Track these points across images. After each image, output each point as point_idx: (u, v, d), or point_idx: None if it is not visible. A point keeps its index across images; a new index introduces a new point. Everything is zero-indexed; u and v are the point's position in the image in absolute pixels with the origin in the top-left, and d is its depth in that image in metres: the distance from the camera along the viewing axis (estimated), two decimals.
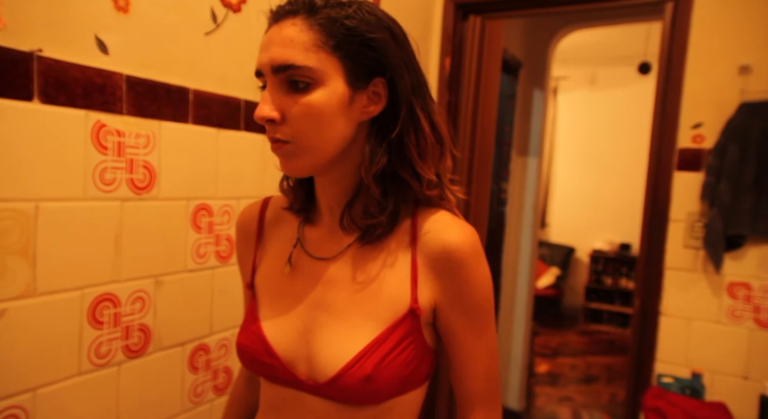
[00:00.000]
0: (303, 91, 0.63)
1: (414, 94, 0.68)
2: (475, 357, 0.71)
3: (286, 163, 0.68)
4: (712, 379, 1.71)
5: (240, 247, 0.85)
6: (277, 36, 0.64)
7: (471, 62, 2.17)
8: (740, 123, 1.66)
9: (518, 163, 3.33)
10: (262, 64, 0.65)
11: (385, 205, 0.69)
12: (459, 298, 0.68)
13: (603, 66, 5.54)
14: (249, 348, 0.73)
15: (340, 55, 0.63)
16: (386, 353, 0.65)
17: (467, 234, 0.68)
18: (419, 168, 0.68)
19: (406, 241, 0.70)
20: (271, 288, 0.76)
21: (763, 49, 1.66)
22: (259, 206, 0.84)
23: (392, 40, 0.67)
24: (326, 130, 0.65)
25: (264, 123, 0.65)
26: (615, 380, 4.17)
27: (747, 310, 1.68)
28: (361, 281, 0.70)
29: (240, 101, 1.25)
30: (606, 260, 5.55)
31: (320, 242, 0.74)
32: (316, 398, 0.68)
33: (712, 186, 1.68)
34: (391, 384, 0.66)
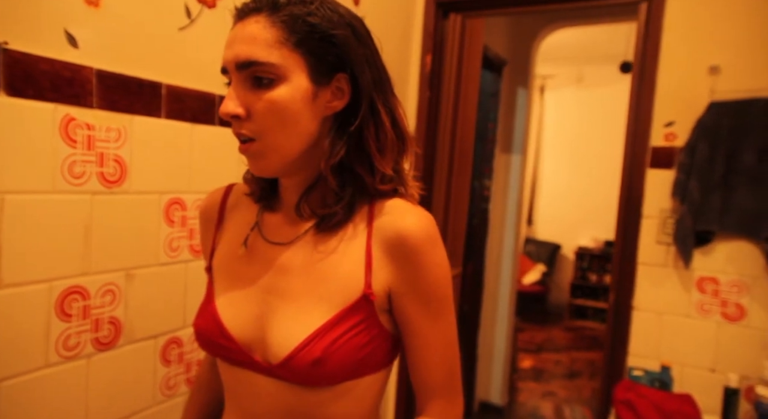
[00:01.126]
0: (267, 87, 0.65)
1: (375, 90, 0.70)
2: (430, 345, 0.72)
3: (254, 163, 0.69)
4: (681, 372, 1.74)
5: (202, 232, 0.88)
6: (240, 33, 0.65)
7: (452, 60, 2.19)
8: (710, 122, 1.70)
9: (502, 160, 3.35)
10: (226, 61, 0.67)
11: (341, 195, 0.70)
12: (413, 284, 0.69)
13: (589, 65, 5.59)
14: (205, 330, 0.75)
15: (303, 51, 0.65)
16: (337, 337, 0.66)
17: (422, 220, 0.70)
18: (377, 162, 0.70)
19: (362, 227, 0.72)
20: (228, 271, 0.78)
21: (731, 50, 1.69)
22: (222, 192, 0.86)
23: (354, 36, 0.68)
24: (291, 125, 0.66)
25: (229, 119, 0.67)
26: (598, 375, 4.21)
27: (715, 304, 1.72)
28: (315, 266, 0.71)
29: (215, 96, 1.26)
30: (591, 257, 5.61)
31: (278, 227, 0.76)
32: (271, 379, 0.70)
33: (682, 183, 1.72)
34: (342, 368, 0.67)
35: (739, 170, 1.66)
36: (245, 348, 0.71)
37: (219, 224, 0.83)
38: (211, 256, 0.82)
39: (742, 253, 1.68)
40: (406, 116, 0.75)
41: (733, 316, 1.70)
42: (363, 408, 0.73)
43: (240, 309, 0.73)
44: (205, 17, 1.24)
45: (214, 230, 0.84)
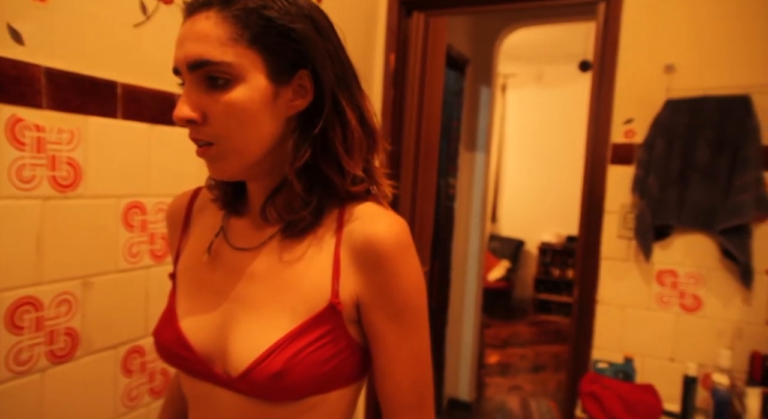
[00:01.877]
0: (222, 88, 0.60)
1: (339, 86, 0.66)
2: (399, 360, 0.67)
3: (213, 167, 0.65)
4: (643, 363, 1.79)
5: (169, 238, 0.84)
6: (190, 31, 0.61)
7: (416, 58, 2.19)
8: (666, 119, 1.75)
9: (466, 158, 3.38)
10: (177, 61, 0.62)
11: (308, 200, 0.66)
12: (383, 294, 0.65)
13: (549, 64, 5.70)
14: (164, 340, 0.70)
15: (259, 48, 0.61)
16: (300, 349, 0.62)
17: (393, 226, 0.65)
18: (345, 163, 0.66)
19: (331, 233, 0.67)
20: (190, 278, 0.74)
21: (685, 49, 1.74)
22: (188, 196, 0.82)
23: (314, 29, 0.64)
24: (251, 128, 0.62)
25: (183, 124, 0.62)
26: (562, 368, 4.31)
27: (674, 296, 1.77)
28: (280, 273, 0.67)
29: (174, 96, 1.22)
30: (554, 252, 5.73)
31: (243, 232, 0.72)
32: (231, 393, 0.66)
33: (642, 179, 1.76)
34: (305, 382, 0.63)
35: (694, 166, 1.71)
36: (205, 360, 0.67)
37: (185, 228, 0.79)
38: (175, 262, 0.79)
39: (698, 246, 1.74)
40: (374, 112, 0.71)
41: (691, 307, 1.75)
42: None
43: (201, 318, 0.69)
44: (162, 14, 1.19)
45: (180, 235, 0.80)
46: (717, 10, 1.71)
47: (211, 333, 0.68)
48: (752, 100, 1.66)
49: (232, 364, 0.65)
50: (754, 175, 1.64)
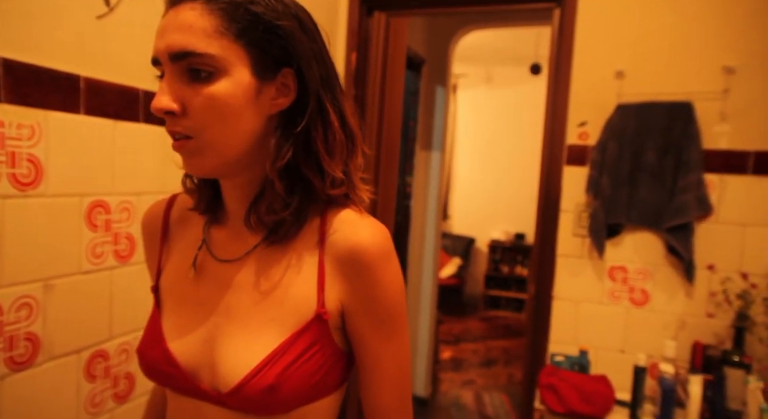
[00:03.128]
0: (205, 81, 0.59)
1: (323, 87, 0.66)
2: (383, 365, 0.68)
3: (189, 161, 0.63)
4: (596, 355, 1.89)
5: (146, 248, 0.81)
6: (174, 21, 0.59)
7: (377, 58, 2.20)
8: (617, 123, 1.84)
9: (422, 157, 3.43)
10: (158, 51, 0.60)
11: (289, 201, 0.65)
12: (367, 301, 0.65)
13: (498, 66, 5.85)
14: (149, 357, 0.68)
15: (244, 42, 0.60)
16: (291, 361, 0.62)
17: (377, 234, 0.66)
18: (326, 165, 0.66)
19: (314, 242, 0.67)
20: (175, 293, 0.72)
21: (634, 57, 1.84)
22: (164, 205, 0.79)
23: (300, 29, 0.64)
24: (232, 123, 0.61)
25: (162, 115, 0.60)
26: (512, 361, 4.45)
27: (624, 291, 1.87)
28: (266, 285, 0.66)
29: (138, 91, 1.18)
30: (503, 249, 5.89)
31: (226, 243, 0.71)
32: (220, 409, 0.65)
33: (595, 179, 1.85)
34: (296, 394, 0.63)
35: (642, 167, 1.81)
36: (191, 376, 0.66)
37: (164, 240, 0.77)
38: (157, 276, 0.76)
39: (646, 243, 1.85)
40: (355, 115, 0.71)
41: (639, 301, 1.86)
42: None
43: (187, 334, 0.68)
44: (126, 5, 1.15)
45: (159, 248, 0.77)
46: (663, 21, 1.82)
47: (197, 349, 0.66)
48: (694, 106, 1.77)
49: (222, 379, 0.63)
50: (695, 177, 1.75)
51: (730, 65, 1.74)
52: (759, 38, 1.73)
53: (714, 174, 1.77)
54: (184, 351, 0.67)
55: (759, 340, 1.70)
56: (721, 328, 1.77)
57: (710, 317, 1.79)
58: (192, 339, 0.67)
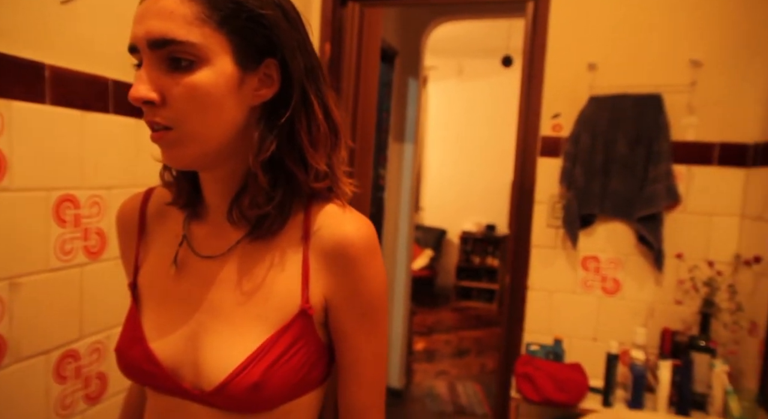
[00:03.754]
0: (186, 70, 0.57)
1: (307, 78, 0.64)
2: (365, 360, 0.68)
3: (169, 153, 0.61)
4: (570, 343, 1.92)
5: (121, 244, 0.77)
6: (153, 6, 0.57)
7: (351, 49, 2.18)
8: (590, 114, 1.87)
9: (395, 149, 3.42)
10: (136, 38, 0.57)
11: (272, 195, 0.64)
12: (352, 296, 0.65)
13: (469, 58, 5.88)
14: (128, 355, 0.66)
15: (227, 30, 0.58)
16: (276, 358, 0.61)
17: (362, 228, 0.66)
18: (309, 157, 0.64)
19: (298, 236, 0.66)
20: (155, 290, 0.70)
21: (605, 49, 1.87)
22: (140, 199, 0.76)
23: (284, 18, 0.62)
24: (213, 114, 0.59)
25: (140, 105, 0.58)
26: (484, 351, 4.51)
27: (596, 280, 1.91)
28: (249, 280, 0.65)
29: (108, 81, 1.13)
30: (474, 240, 5.96)
31: (208, 238, 0.69)
32: (203, 407, 0.63)
33: (569, 171, 1.87)
34: (281, 391, 0.62)
35: (614, 158, 1.85)
36: (173, 375, 0.64)
37: (140, 236, 0.74)
38: (135, 272, 0.73)
39: (617, 233, 1.89)
40: (339, 107, 0.70)
41: (611, 290, 1.90)
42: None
43: (169, 332, 0.66)
44: None
45: (136, 243, 0.74)
46: (634, 15, 1.85)
47: (179, 347, 0.65)
48: (663, 98, 1.81)
49: (206, 377, 0.62)
50: (665, 167, 1.80)
51: (697, 59, 1.78)
52: (723, 33, 1.77)
53: (682, 165, 1.82)
54: (165, 349, 0.65)
55: (723, 325, 1.76)
56: (688, 314, 1.83)
57: (678, 304, 1.84)
58: (174, 336, 0.65)
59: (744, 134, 1.77)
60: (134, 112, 1.19)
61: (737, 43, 1.76)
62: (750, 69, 1.75)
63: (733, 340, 1.73)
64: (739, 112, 1.77)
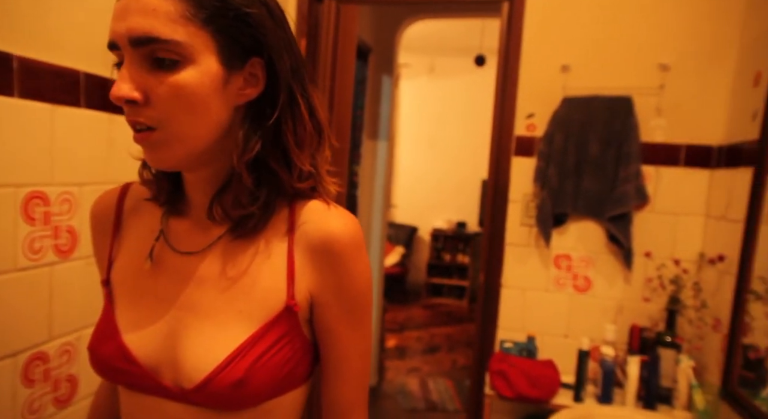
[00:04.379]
0: (170, 69, 0.56)
1: (293, 78, 0.64)
2: (349, 356, 0.68)
3: (153, 154, 0.59)
4: (543, 340, 1.96)
5: (95, 240, 0.75)
6: (135, 3, 0.55)
7: (327, 45, 2.16)
8: (563, 115, 1.90)
9: (369, 147, 3.41)
10: (117, 34, 0.56)
11: (257, 195, 0.63)
12: (338, 292, 0.65)
13: (441, 56, 5.91)
14: (102, 353, 0.64)
15: (212, 29, 0.57)
16: (260, 355, 0.61)
17: (348, 224, 0.66)
18: (295, 157, 0.64)
19: (282, 232, 0.66)
20: (130, 286, 0.68)
21: (578, 52, 1.91)
22: (116, 194, 0.74)
23: (269, 16, 0.61)
24: (198, 114, 0.58)
25: (122, 104, 0.57)
26: (455, 348, 4.56)
27: (568, 278, 1.95)
28: (232, 276, 0.64)
29: (79, 73, 1.09)
30: (445, 238, 6.00)
31: (187, 234, 0.68)
32: (183, 405, 0.62)
33: (542, 170, 1.90)
34: (265, 387, 0.61)
35: (586, 158, 1.88)
36: (151, 372, 0.62)
37: (116, 231, 0.72)
38: (108, 269, 0.71)
39: (589, 232, 1.93)
40: (323, 107, 0.70)
41: (582, 287, 1.94)
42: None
43: (146, 328, 0.64)
44: None
45: (111, 239, 0.72)
46: (605, 19, 1.89)
47: (157, 344, 0.63)
48: (633, 100, 1.85)
49: (186, 375, 0.61)
50: (634, 168, 1.84)
51: (665, 63, 1.84)
52: (690, 40, 1.83)
53: (651, 166, 1.87)
54: (142, 346, 0.63)
55: (688, 321, 1.82)
56: (655, 311, 1.88)
57: (646, 301, 1.89)
58: (151, 333, 0.64)
59: (709, 137, 1.83)
60: (106, 106, 1.15)
61: (702, 49, 1.82)
62: (714, 75, 1.81)
63: (698, 336, 1.79)
64: (704, 115, 1.83)
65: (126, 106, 0.57)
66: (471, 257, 5.89)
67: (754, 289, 1.49)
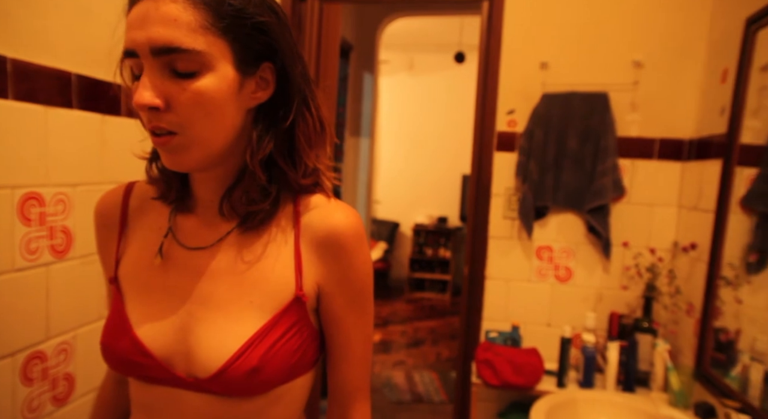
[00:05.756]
0: (190, 76, 0.58)
1: (303, 81, 0.67)
2: (355, 342, 0.72)
3: (173, 158, 0.62)
4: (526, 329, 2.02)
5: (100, 238, 0.77)
6: (155, 13, 0.57)
7: (310, 44, 2.18)
8: (543, 111, 1.96)
9: (351, 143, 3.45)
10: (136, 43, 0.58)
11: (269, 191, 0.67)
12: (343, 282, 0.69)
13: (421, 53, 5.95)
14: (116, 348, 0.67)
15: (230, 38, 0.60)
16: (272, 343, 0.64)
17: (350, 217, 0.69)
18: (305, 156, 0.68)
19: (289, 226, 0.69)
20: (140, 282, 0.70)
21: (555, 49, 1.97)
22: (122, 192, 0.76)
23: (278, 23, 0.64)
24: (217, 119, 0.61)
25: (145, 111, 0.59)
26: (439, 341, 4.62)
27: (550, 269, 2.01)
28: (242, 270, 0.67)
29: (71, 75, 1.10)
30: (426, 233, 6.06)
31: (195, 231, 0.70)
32: (197, 394, 0.65)
33: (523, 165, 1.96)
34: (277, 374, 0.65)
35: (566, 153, 1.95)
36: (165, 364, 0.65)
37: (122, 230, 0.75)
38: (115, 267, 0.74)
39: (569, 224, 1.99)
40: (325, 105, 0.73)
41: (563, 277, 2.01)
42: (295, 411, 0.72)
43: (158, 322, 0.67)
44: None
45: (117, 237, 0.74)
46: (582, 17, 1.95)
47: (171, 337, 0.66)
48: (609, 96, 1.92)
49: (201, 364, 0.64)
50: (611, 162, 1.91)
51: (638, 59, 1.90)
52: (661, 36, 1.90)
53: (627, 159, 1.94)
54: (156, 340, 0.66)
55: (664, 307, 1.90)
56: (632, 299, 1.96)
57: (624, 289, 1.97)
58: (163, 326, 0.67)
59: (680, 131, 1.91)
60: (98, 107, 1.17)
61: (673, 47, 1.89)
62: (684, 71, 1.89)
63: (673, 321, 1.87)
64: (675, 110, 1.91)
65: (147, 112, 0.59)
66: (453, 252, 5.96)
67: (724, 275, 1.56)
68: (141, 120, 0.62)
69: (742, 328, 1.48)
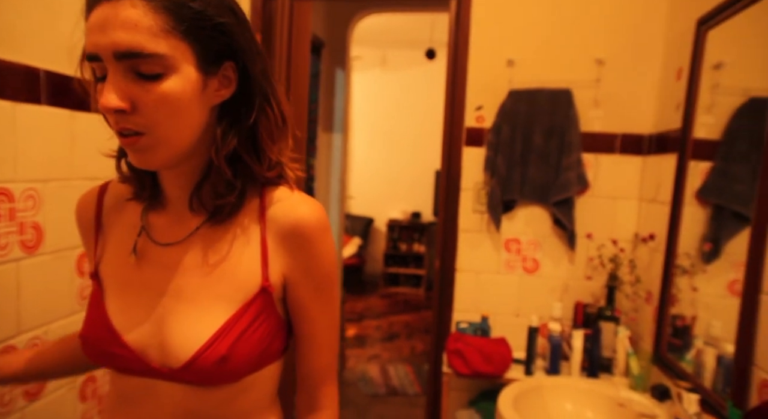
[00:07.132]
0: (154, 78, 0.60)
1: (263, 78, 0.69)
2: (320, 329, 0.75)
3: (140, 157, 0.64)
4: (495, 320, 2.08)
5: (82, 238, 0.81)
6: (114, 18, 0.58)
7: (281, 41, 2.19)
8: (510, 107, 2.01)
9: (324, 139, 3.46)
10: (99, 47, 0.58)
11: (234, 185, 0.69)
12: (308, 272, 0.72)
13: (393, 49, 5.98)
14: (95, 339, 0.70)
15: (191, 40, 0.61)
16: (240, 332, 0.67)
17: (315, 209, 0.72)
18: (268, 150, 0.71)
19: (255, 219, 0.72)
20: (118, 278, 0.73)
21: (521, 46, 2.02)
22: (96, 193, 0.79)
23: (238, 23, 0.66)
24: (182, 118, 0.63)
25: (110, 114, 0.61)
26: (413, 335, 4.68)
27: (518, 261, 2.08)
28: (211, 263, 0.70)
29: (39, 71, 1.10)
30: (401, 228, 6.11)
31: (167, 227, 0.73)
32: (171, 384, 0.68)
33: (491, 160, 2.01)
34: (246, 362, 0.68)
35: (532, 148, 2.00)
36: (141, 355, 0.68)
37: (98, 229, 0.77)
38: (96, 263, 0.76)
39: (536, 217, 2.06)
40: (286, 99, 0.75)
41: (531, 269, 2.07)
42: (265, 399, 0.75)
43: (134, 315, 0.70)
44: None
45: (95, 237, 0.77)
46: (546, 15, 2.01)
47: (146, 329, 0.69)
48: (573, 93, 1.98)
49: (173, 355, 0.67)
50: (575, 156, 1.98)
51: (600, 57, 1.97)
52: (622, 35, 1.97)
53: (590, 154, 2.01)
54: (131, 331, 0.69)
55: (625, 296, 1.98)
56: (596, 288, 2.04)
57: (588, 279, 2.04)
58: (139, 319, 0.69)
59: (640, 126, 1.98)
60: (67, 103, 1.17)
61: (633, 45, 1.96)
62: (643, 69, 1.96)
63: (633, 308, 1.95)
64: (635, 106, 1.98)
65: (114, 115, 0.61)
66: (427, 246, 6.03)
67: (680, 264, 1.64)
68: (107, 121, 0.64)
69: (698, 314, 1.56)
